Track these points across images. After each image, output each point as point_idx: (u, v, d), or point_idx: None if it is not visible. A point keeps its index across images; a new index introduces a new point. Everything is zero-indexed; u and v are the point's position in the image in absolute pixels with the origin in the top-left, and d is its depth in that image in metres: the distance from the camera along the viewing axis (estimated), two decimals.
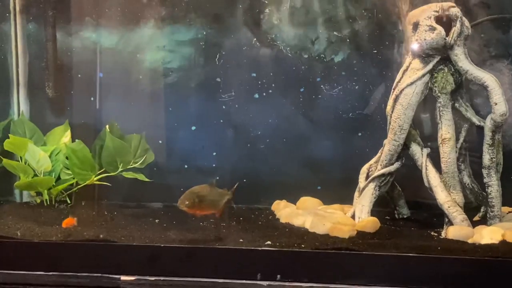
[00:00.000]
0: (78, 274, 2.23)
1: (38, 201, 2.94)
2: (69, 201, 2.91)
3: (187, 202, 2.39)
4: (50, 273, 2.24)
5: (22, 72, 3.12)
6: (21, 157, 2.88)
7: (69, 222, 2.52)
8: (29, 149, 2.83)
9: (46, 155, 2.86)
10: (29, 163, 2.85)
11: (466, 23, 2.47)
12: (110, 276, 2.21)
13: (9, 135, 2.87)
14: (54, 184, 2.86)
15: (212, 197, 2.47)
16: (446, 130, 2.46)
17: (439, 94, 2.49)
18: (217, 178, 2.63)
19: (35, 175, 2.85)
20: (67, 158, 2.88)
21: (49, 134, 3.01)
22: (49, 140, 3.00)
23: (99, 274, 2.22)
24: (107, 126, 2.91)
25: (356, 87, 2.93)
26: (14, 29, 3.10)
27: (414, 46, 2.48)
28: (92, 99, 3.09)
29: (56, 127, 3.02)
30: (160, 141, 3.06)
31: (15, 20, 3.09)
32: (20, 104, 3.12)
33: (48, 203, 2.89)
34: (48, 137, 3.01)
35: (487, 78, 2.42)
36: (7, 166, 2.85)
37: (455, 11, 2.44)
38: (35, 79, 3.12)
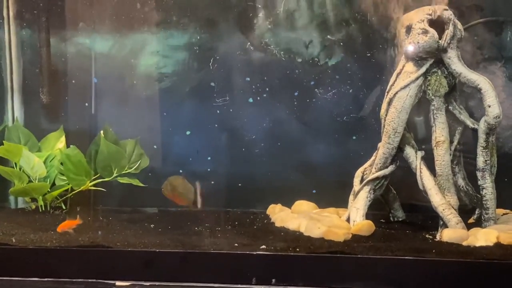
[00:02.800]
0: (73, 280, 2.22)
1: (33, 207, 2.93)
2: (64, 207, 2.91)
3: (163, 189, 2.78)
4: (45, 279, 2.24)
5: (16, 78, 3.12)
6: (15, 163, 2.88)
7: (67, 225, 2.51)
8: (24, 155, 2.83)
9: (40, 161, 2.85)
10: (24, 169, 2.84)
11: (459, 25, 2.47)
12: (105, 281, 2.21)
13: (4, 141, 2.87)
14: (49, 190, 2.86)
15: (181, 190, 2.79)
16: (440, 133, 2.47)
17: (432, 97, 2.49)
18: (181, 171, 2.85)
19: (30, 181, 2.85)
20: (61, 163, 2.87)
21: (44, 140, 3.01)
22: (43, 146, 3.00)
23: (94, 280, 2.21)
24: (101, 132, 2.91)
25: (350, 91, 2.94)
26: (8, 35, 3.10)
27: (408, 49, 2.48)
28: (86, 104, 3.09)
29: (50, 133, 3.02)
30: (155, 146, 3.06)
31: (8, 26, 3.10)
32: (14, 110, 3.12)
33: (43, 209, 2.89)
34: (42, 143, 3.01)
35: (480, 80, 2.42)
36: (2, 173, 2.85)
37: (448, 14, 2.45)
38: (29, 85, 3.12)
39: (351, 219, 2.54)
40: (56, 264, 2.26)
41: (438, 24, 2.46)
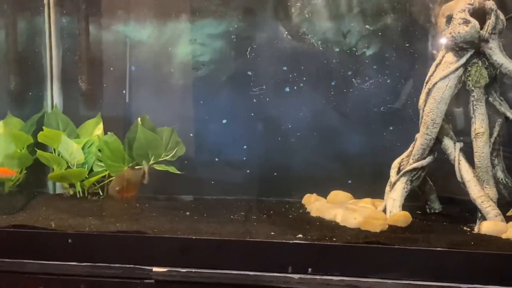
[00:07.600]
0: (111, 265, 2.25)
1: (71, 192, 2.97)
2: (101, 193, 2.94)
3: (117, 188, 2.75)
4: (84, 263, 2.27)
5: (56, 65, 3.16)
6: (54, 149, 2.92)
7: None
8: (63, 141, 2.87)
9: (79, 147, 2.89)
10: (63, 155, 2.88)
11: (501, 16, 2.43)
12: (143, 267, 2.23)
13: (43, 127, 2.91)
14: (86, 176, 2.89)
15: (135, 179, 2.78)
16: (479, 125, 2.44)
17: (472, 88, 2.46)
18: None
19: (68, 167, 2.89)
20: (99, 150, 2.91)
21: (82, 127, 3.05)
22: (81, 132, 3.03)
23: (132, 265, 2.24)
24: (139, 119, 2.93)
25: (388, 81, 2.91)
26: (47, 22, 3.13)
27: (448, 39, 2.46)
28: (124, 92, 3.11)
29: (88, 120, 3.06)
30: (191, 134, 3.07)
31: (48, 14, 3.13)
32: (53, 97, 3.16)
33: (81, 194, 2.92)
34: (80, 129, 3.04)
35: None
36: (41, 158, 2.89)
37: (490, 4, 2.41)
38: (68, 72, 3.16)
39: (387, 209, 2.52)
40: (94, 249, 2.29)
41: (479, 14, 2.42)
